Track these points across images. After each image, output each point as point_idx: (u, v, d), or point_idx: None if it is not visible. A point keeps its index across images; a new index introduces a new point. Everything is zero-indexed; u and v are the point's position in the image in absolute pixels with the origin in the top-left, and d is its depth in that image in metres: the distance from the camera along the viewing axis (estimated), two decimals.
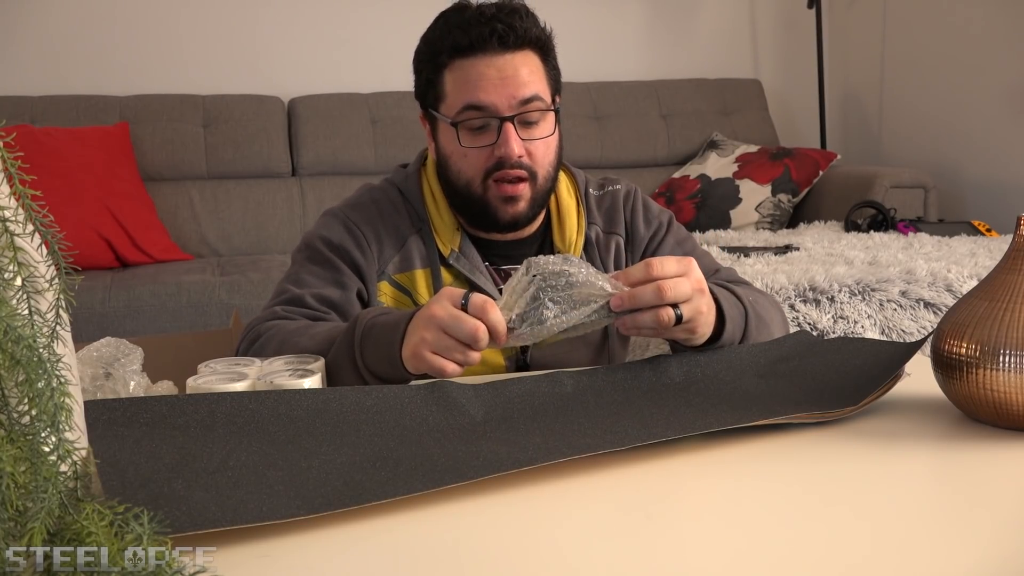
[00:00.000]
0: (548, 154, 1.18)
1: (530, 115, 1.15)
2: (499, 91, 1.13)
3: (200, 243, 3.06)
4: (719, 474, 0.74)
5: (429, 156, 1.28)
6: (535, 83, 1.15)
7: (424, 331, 0.92)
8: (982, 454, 0.77)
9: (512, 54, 1.14)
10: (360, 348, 0.98)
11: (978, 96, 3.36)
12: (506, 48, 1.14)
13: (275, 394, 0.81)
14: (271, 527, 0.63)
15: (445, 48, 1.16)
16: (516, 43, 1.14)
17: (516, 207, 1.17)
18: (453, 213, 1.23)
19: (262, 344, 1.08)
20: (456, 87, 1.16)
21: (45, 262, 0.50)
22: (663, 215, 1.31)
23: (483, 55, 1.14)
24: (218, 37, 3.32)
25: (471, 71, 1.14)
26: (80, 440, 0.52)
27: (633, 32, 3.82)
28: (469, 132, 1.16)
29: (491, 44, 1.13)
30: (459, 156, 1.17)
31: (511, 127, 1.14)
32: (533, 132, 1.16)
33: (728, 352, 0.99)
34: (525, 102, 1.14)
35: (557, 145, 1.21)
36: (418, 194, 1.24)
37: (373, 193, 1.25)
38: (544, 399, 0.88)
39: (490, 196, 1.17)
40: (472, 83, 1.14)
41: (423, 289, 1.20)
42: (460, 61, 1.15)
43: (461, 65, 1.15)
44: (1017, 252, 0.82)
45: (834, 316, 2.01)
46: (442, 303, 0.92)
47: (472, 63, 1.14)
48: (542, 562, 0.60)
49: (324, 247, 1.20)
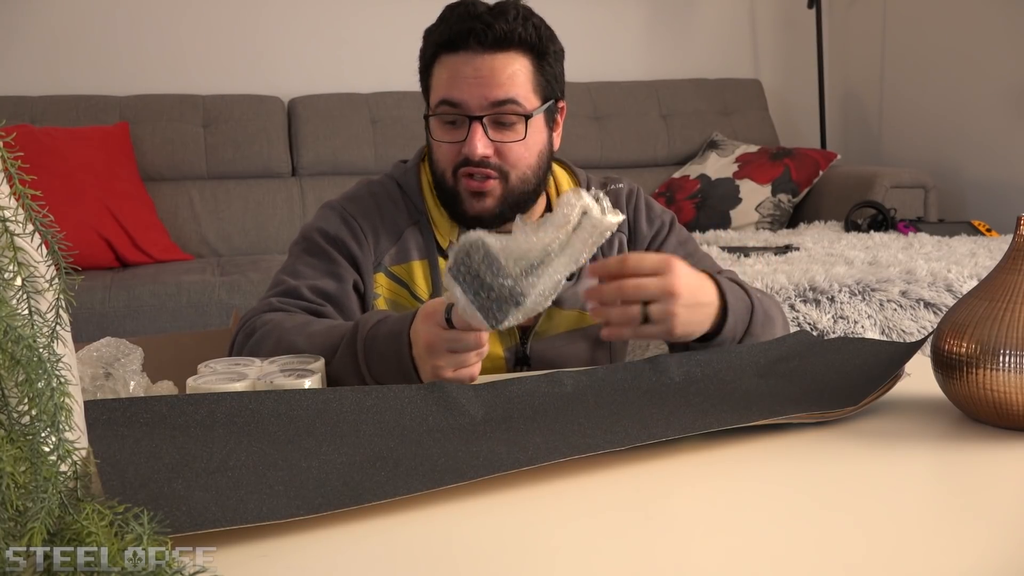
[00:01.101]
0: (526, 156, 1.17)
1: (503, 117, 1.15)
2: (472, 90, 1.14)
3: (200, 243, 3.06)
4: (719, 474, 0.74)
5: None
6: (514, 86, 1.15)
7: (435, 359, 0.93)
8: (982, 454, 0.77)
9: (493, 55, 1.14)
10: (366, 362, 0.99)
11: (978, 96, 3.36)
12: (485, 48, 1.14)
13: (275, 394, 0.81)
14: (271, 527, 0.63)
15: (432, 43, 1.18)
16: (496, 44, 1.14)
17: (483, 203, 1.18)
18: None
19: (258, 340, 1.08)
20: (438, 82, 1.18)
21: (45, 262, 0.50)
22: (665, 215, 1.32)
23: (464, 53, 1.14)
24: (218, 37, 3.32)
25: (450, 68, 1.16)
26: (80, 440, 0.52)
27: (633, 32, 3.82)
28: (442, 126, 1.18)
29: (470, 43, 1.14)
30: (436, 147, 1.20)
31: (478, 127, 1.14)
32: (506, 134, 1.16)
33: (728, 352, 0.99)
34: (498, 104, 1.14)
35: (543, 148, 1.20)
36: (416, 187, 1.24)
37: (372, 187, 1.26)
38: (544, 399, 0.87)
39: (460, 188, 1.18)
40: (449, 80, 1.15)
41: (420, 281, 1.21)
42: (444, 57, 1.16)
43: (444, 61, 1.17)
44: (1017, 252, 0.82)
45: (834, 316, 2.01)
46: (431, 329, 0.93)
47: (453, 60, 1.15)
48: (542, 562, 0.60)
49: (321, 239, 1.20)
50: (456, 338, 0.92)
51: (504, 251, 0.86)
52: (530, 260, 0.86)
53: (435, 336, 0.92)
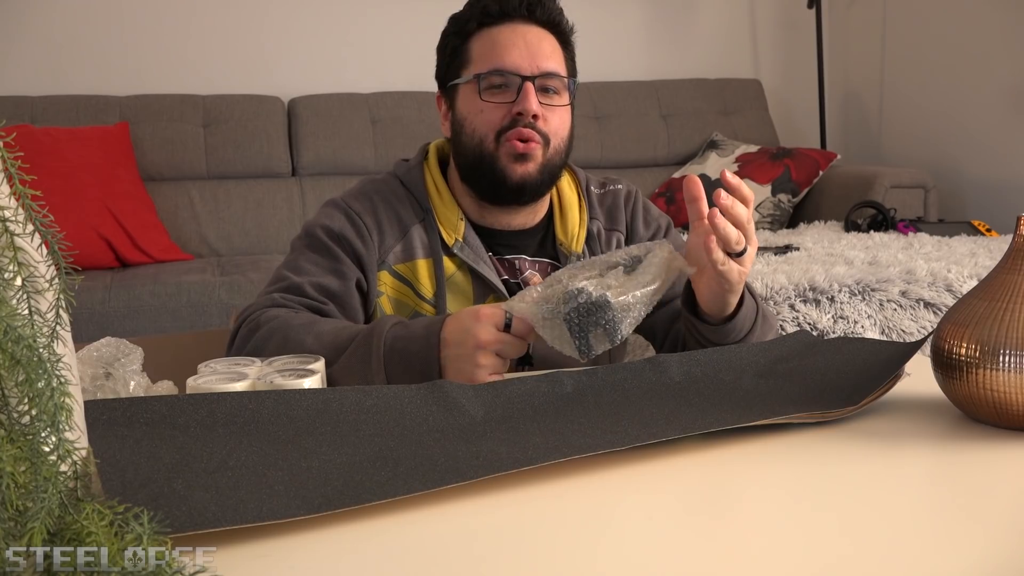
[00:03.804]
0: (563, 127, 1.21)
1: (550, 82, 1.19)
2: (523, 56, 1.18)
3: (200, 243, 3.06)
4: (719, 474, 0.74)
5: (432, 150, 1.30)
6: (556, 60, 1.20)
7: (481, 358, 0.97)
8: (982, 454, 0.77)
9: (538, 28, 1.20)
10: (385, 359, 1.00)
11: (978, 96, 3.36)
12: (533, 19, 1.20)
13: (275, 394, 0.81)
14: (271, 527, 0.63)
15: (475, 15, 1.21)
16: (543, 17, 1.20)
17: (526, 166, 1.18)
18: (457, 203, 1.24)
19: (264, 336, 1.07)
20: (482, 51, 1.20)
21: (45, 262, 0.50)
22: (662, 219, 1.34)
23: (511, 23, 1.19)
24: (218, 37, 3.32)
25: (498, 36, 1.19)
26: (80, 440, 0.52)
27: (633, 32, 3.82)
28: (490, 89, 1.19)
29: (520, 12, 1.19)
30: (475, 113, 1.20)
31: (531, 86, 1.17)
32: (552, 100, 1.20)
33: (728, 352, 0.99)
34: (546, 74, 1.19)
35: (570, 127, 1.24)
36: (421, 185, 1.24)
37: (376, 184, 1.26)
38: (544, 399, 0.88)
39: (501, 153, 1.18)
40: (499, 47, 1.19)
41: (425, 279, 1.21)
42: (488, 29, 1.20)
43: (488, 33, 1.20)
44: (1017, 252, 0.82)
45: (834, 316, 2.01)
46: (487, 328, 0.97)
47: (499, 30, 1.20)
48: (542, 562, 0.60)
49: (325, 235, 1.20)
50: (511, 343, 0.97)
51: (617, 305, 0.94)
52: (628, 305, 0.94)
53: (492, 337, 0.96)
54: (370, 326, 1.04)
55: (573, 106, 1.24)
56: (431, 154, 1.29)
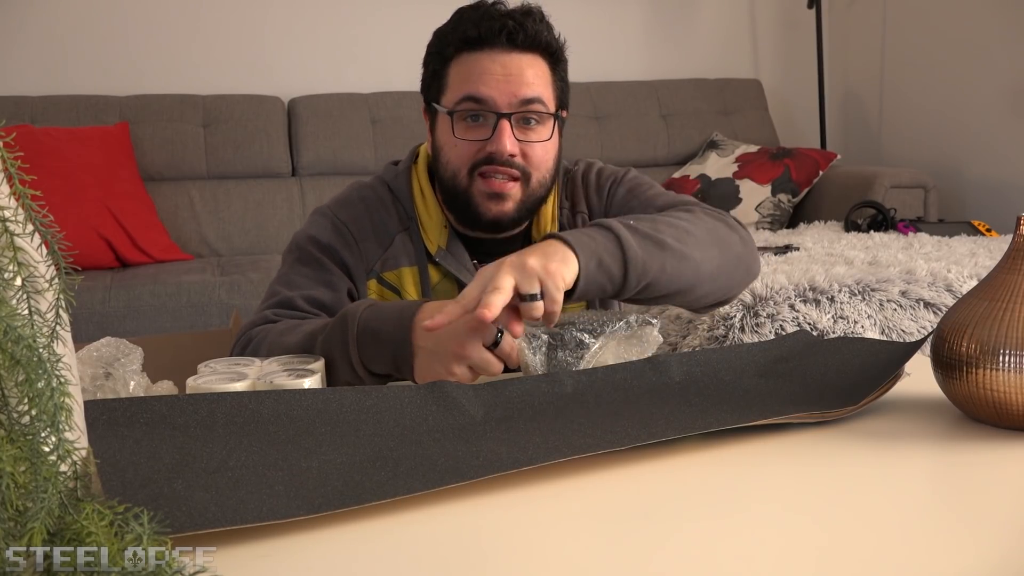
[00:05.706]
0: (546, 159, 1.17)
1: (529, 115, 1.14)
2: (501, 87, 1.12)
3: (200, 243, 3.06)
4: (719, 474, 0.74)
5: (422, 153, 1.28)
6: (539, 86, 1.15)
7: (455, 366, 0.94)
8: (982, 454, 0.77)
9: (520, 54, 1.14)
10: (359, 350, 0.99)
11: (978, 96, 3.36)
12: (514, 47, 1.13)
13: (275, 394, 0.81)
14: (271, 527, 0.63)
15: (454, 40, 1.15)
16: (525, 43, 1.14)
17: (502, 205, 1.16)
18: (442, 210, 1.23)
19: (253, 349, 1.09)
20: (459, 79, 1.15)
21: (45, 262, 0.50)
22: (611, 177, 1.27)
23: (490, 50, 1.13)
24: (218, 37, 3.32)
25: (475, 65, 1.14)
26: (80, 440, 0.52)
27: (633, 32, 3.82)
28: (464, 123, 1.15)
29: (499, 40, 1.13)
30: (450, 146, 1.16)
31: (507, 124, 1.13)
32: (530, 134, 1.15)
33: (728, 352, 0.99)
34: (526, 102, 1.13)
35: (557, 154, 1.20)
36: (407, 192, 1.24)
37: (362, 191, 1.25)
38: (544, 399, 0.87)
39: (474, 190, 1.16)
40: (475, 76, 1.13)
41: (410, 287, 1.21)
42: (467, 55, 1.15)
43: (467, 59, 1.14)
44: (1017, 252, 0.82)
45: (834, 316, 2.01)
46: (475, 345, 0.93)
47: (478, 57, 1.14)
48: (542, 562, 0.60)
49: (313, 248, 1.20)
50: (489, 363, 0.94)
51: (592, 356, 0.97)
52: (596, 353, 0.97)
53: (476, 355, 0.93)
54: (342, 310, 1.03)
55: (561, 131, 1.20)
56: (420, 158, 1.27)
